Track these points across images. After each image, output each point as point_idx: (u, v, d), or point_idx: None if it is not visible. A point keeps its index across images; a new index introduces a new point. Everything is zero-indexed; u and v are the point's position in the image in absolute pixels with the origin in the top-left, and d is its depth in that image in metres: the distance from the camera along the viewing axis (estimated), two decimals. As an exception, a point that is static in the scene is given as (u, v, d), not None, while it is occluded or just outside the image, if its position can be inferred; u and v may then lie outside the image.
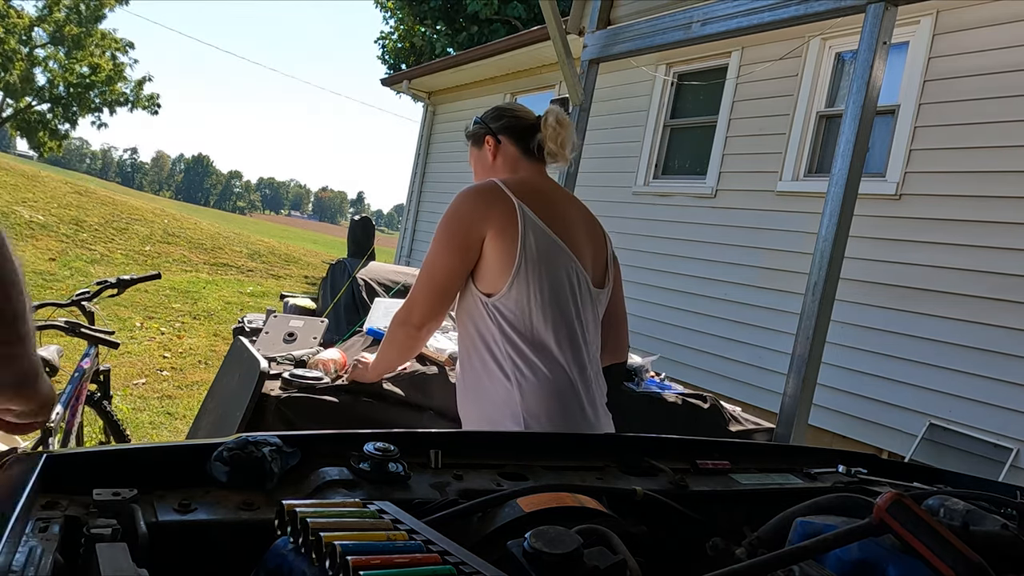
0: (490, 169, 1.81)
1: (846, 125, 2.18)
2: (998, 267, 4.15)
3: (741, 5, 2.67)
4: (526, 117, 1.82)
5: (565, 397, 1.60)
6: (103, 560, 0.52)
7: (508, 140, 1.80)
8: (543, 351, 1.61)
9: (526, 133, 1.79)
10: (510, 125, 1.81)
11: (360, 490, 0.79)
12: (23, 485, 0.63)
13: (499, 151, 1.80)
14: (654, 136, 6.82)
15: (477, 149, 1.85)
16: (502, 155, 1.80)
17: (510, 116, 1.82)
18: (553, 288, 1.63)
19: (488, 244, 1.61)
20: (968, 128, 4.42)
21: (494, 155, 1.81)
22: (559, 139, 1.77)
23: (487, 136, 1.81)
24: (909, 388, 4.50)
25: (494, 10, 16.01)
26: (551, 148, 1.78)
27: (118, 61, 28.87)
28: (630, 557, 0.64)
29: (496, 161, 1.81)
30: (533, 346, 1.60)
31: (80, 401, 2.79)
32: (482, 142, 1.83)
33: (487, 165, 1.82)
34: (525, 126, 1.80)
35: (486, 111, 1.88)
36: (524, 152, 1.79)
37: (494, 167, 1.81)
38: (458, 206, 1.65)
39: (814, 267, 2.26)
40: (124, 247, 11.16)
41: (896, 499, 0.64)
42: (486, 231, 1.61)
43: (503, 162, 1.80)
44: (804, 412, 2.26)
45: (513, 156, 1.80)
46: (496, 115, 1.84)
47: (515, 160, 1.79)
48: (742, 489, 1.04)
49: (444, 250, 1.64)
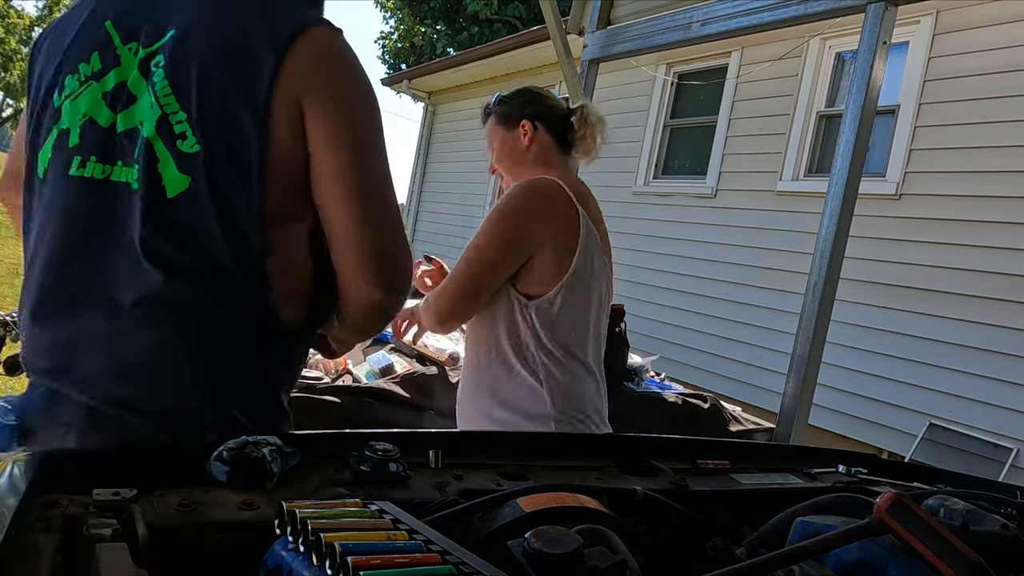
0: (523, 156, 1.69)
1: (846, 125, 2.19)
2: (998, 267, 4.15)
3: (741, 5, 2.67)
4: (559, 106, 1.72)
5: (594, 403, 1.62)
6: (103, 560, 0.52)
7: (544, 128, 1.68)
8: (576, 359, 1.60)
9: (562, 124, 1.70)
10: (546, 113, 1.70)
11: (360, 490, 0.79)
12: (23, 485, 0.63)
13: (535, 138, 1.68)
14: (654, 136, 6.82)
15: (506, 131, 1.70)
16: (537, 143, 1.68)
17: (545, 103, 1.71)
18: (594, 299, 1.62)
19: (543, 247, 1.54)
20: (968, 128, 4.42)
21: (530, 142, 1.68)
22: (597, 136, 1.70)
23: (524, 120, 1.68)
24: (909, 388, 4.50)
25: (494, 10, 16.02)
26: (588, 145, 1.70)
27: (118, 61, 28.88)
28: (630, 557, 0.64)
29: (531, 149, 1.68)
30: (568, 354, 1.58)
31: (80, 401, 2.78)
32: (516, 125, 1.69)
33: (519, 151, 1.69)
34: (560, 115, 1.71)
35: (512, 91, 1.76)
36: (559, 143, 1.70)
37: (527, 154, 1.69)
38: (521, 202, 1.56)
39: (814, 267, 2.26)
40: (124, 247, 11.14)
41: (896, 499, 0.64)
42: (545, 233, 1.54)
43: (538, 151, 1.69)
44: (804, 412, 2.26)
45: (548, 146, 1.69)
46: (530, 99, 1.72)
47: (549, 151, 1.69)
48: (742, 489, 1.04)
49: (494, 245, 1.54)
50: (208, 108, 0.95)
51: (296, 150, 0.98)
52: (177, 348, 0.97)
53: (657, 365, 3.49)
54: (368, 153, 1.01)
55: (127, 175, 0.98)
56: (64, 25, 1.07)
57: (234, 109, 0.95)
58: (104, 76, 1.00)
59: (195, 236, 0.96)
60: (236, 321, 0.99)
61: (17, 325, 2.52)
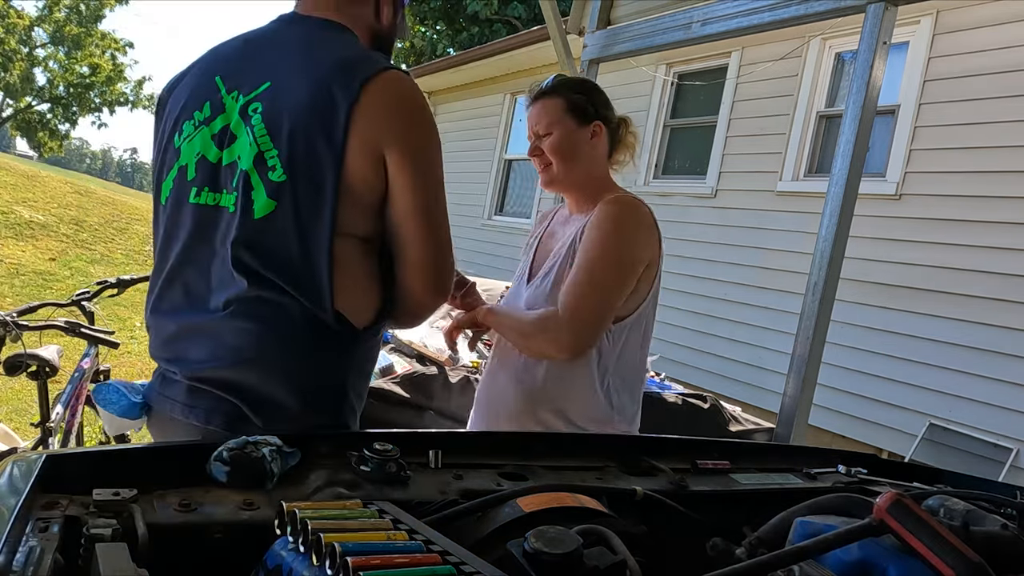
0: (582, 154, 1.62)
1: (846, 125, 2.18)
2: (998, 267, 4.15)
3: (741, 5, 2.67)
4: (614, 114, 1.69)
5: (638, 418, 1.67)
6: (103, 560, 0.52)
7: (605, 133, 1.64)
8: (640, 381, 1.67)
9: (614, 133, 1.68)
10: (610, 118, 1.66)
11: (360, 490, 0.79)
12: (23, 485, 0.63)
13: (600, 141, 1.64)
14: (654, 136, 6.82)
15: (576, 123, 1.61)
16: (600, 146, 1.64)
17: (611, 108, 1.67)
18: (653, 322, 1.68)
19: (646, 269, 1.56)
20: (968, 128, 4.42)
21: (596, 143, 1.63)
22: (633, 152, 1.71)
23: (597, 121, 1.62)
24: (909, 388, 4.50)
25: (494, 10, 16.01)
26: (623, 159, 1.70)
27: (118, 61, 28.90)
28: (630, 557, 0.64)
29: (595, 151, 1.64)
30: (637, 374, 1.65)
31: (80, 401, 2.79)
32: (588, 121, 1.62)
33: (583, 148, 1.62)
34: (616, 125, 1.68)
35: (580, 82, 1.70)
36: (609, 152, 1.68)
37: (589, 155, 1.63)
38: (634, 227, 1.55)
39: (814, 267, 2.26)
40: (124, 247, 11.16)
41: (896, 499, 0.64)
42: (648, 257, 1.56)
43: (599, 153, 1.65)
44: (804, 412, 2.26)
45: (603, 152, 1.66)
46: (604, 100, 1.66)
47: (603, 157, 1.66)
48: (742, 489, 1.04)
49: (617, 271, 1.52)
50: (295, 146, 1.15)
51: (370, 182, 1.18)
52: (257, 342, 1.17)
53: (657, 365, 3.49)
54: (436, 191, 1.24)
55: (227, 201, 1.20)
56: (185, 81, 1.30)
57: (316, 147, 1.14)
58: (212, 121, 1.23)
59: (275, 251, 1.17)
60: (307, 321, 1.17)
61: (18, 325, 2.52)
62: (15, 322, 2.52)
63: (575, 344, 1.50)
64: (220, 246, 1.20)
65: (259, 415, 1.17)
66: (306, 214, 1.16)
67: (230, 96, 1.22)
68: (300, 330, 1.17)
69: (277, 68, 1.21)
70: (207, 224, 1.22)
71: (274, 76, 1.20)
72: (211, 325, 1.20)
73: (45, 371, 2.62)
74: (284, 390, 1.18)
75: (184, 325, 1.23)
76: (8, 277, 8.02)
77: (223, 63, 1.27)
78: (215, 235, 1.21)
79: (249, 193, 1.17)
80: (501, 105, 9.27)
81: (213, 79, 1.25)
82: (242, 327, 1.17)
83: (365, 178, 1.17)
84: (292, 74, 1.19)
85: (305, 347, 1.19)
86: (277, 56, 1.23)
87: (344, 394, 1.25)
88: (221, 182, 1.21)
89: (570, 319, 1.49)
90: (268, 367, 1.18)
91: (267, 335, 1.17)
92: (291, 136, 1.15)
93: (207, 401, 1.19)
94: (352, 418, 1.28)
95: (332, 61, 1.18)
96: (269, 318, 1.17)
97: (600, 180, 1.66)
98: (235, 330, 1.18)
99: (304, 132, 1.15)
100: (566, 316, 1.49)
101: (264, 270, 1.16)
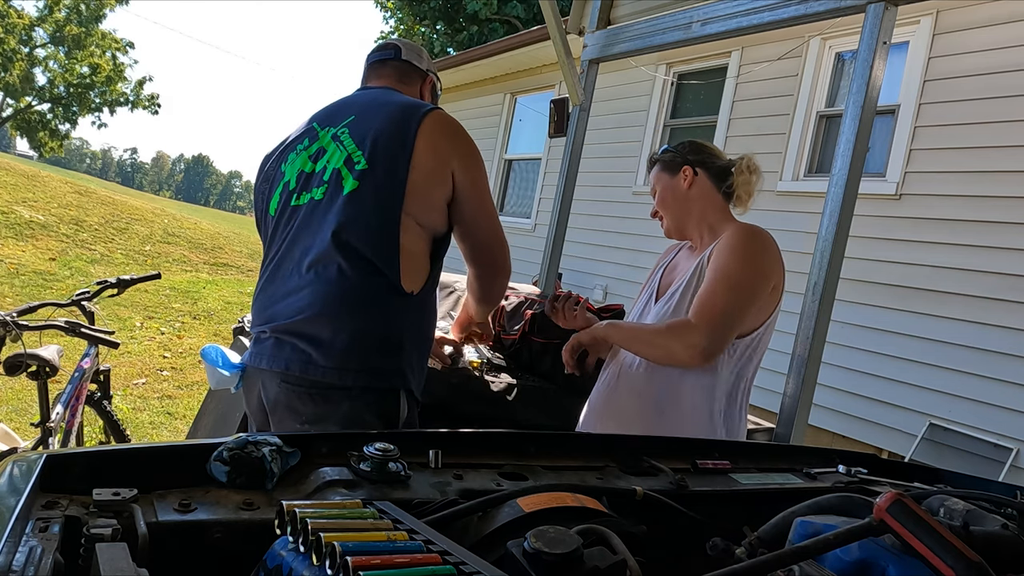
0: (684, 198, 1.83)
1: (846, 125, 2.18)
2: (998, 267, 4.15)
3: (741, 5, 2.67)
4: (721, 157, 1.87)
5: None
6: (103, 560, 0.52)
7: (705, 175, 1.83)
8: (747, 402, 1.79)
9: (722, 174, 1.83)
10: (709, 162, 1.84)
11: (360, 490, 0.79)
12: (23, 485, 0.63)
13: (695, 183, 1.82)
14: (654, 136, 6.81)
15: (669, 176, 1.85)
16: (698, 187, 1.82)
17: (709, 153, 1.86)
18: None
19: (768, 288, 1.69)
20: (968, 128, 4.42)
21: (690, 185, 1.82)
22: (750, 188, 1.84)
23: (685, 166, 1.83)
24: (909, 388, 4.50)
25: (494, 10, 16.02)
26: (741, 196, 1.84)
27: (118, 61, 28.88)
28: (630, 557, 0.64)
29: (691, 191, 1.83)
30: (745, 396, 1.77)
31: (80, 401, 2.79)
32: (677, 170, 1.84)
33: (681, 193, 1.83)
34: (722, 166, 1.84)
35: (680, 142, 1.91)
36: (719, 191, 1.83)
37: (688, 197, 1.83)
38: (762, 248, 1.72)
39: (814, 267, 2.26)
40: (124, 247, 11.16)
41: (896, 499, 0.64)
42: (775, 279, 1.71)
43: (699, 195, 1.82)
44: (804, 412, 2.26)
45: (709, 192, 1.83)
46: (695, 148, 1.87)
47: (711, 196, 1.83)
48: (742, 489, 1.04)
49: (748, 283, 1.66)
50: (376, 147, 1.57)
51: (432, 180, 1.58)
52: (327, 299, 1.52)
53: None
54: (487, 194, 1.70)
55: (317, 193, 1.60)
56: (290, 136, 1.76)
57: (392, 148, 1.57)
58: (310, 147, 1.68)
59: (357, 219, 1.53)
60: (370, 282, 1.53)
61: (18, 325, 2.52)
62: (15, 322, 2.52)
63: (706, 347, 1.59)
64: (315, 224, 1.57)
65: (329, 359, 1.49)
66: (383, 193, 1.54)
67: (323, 130, 1.67)
68: (363, 290, 1.52)
69: (359, 108, 1.67)
70: (302, 216, 1.60)
71: (357, 113, 1.65)
72: (296, 286, 1.56)
73: (45, 371, 2.61)
74: (348, 338, 1.50)
75: (280, 292, 1.59)
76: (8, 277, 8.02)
77: (318, 117, 1.72)
78: (310, 221, 1.58)
79: (340, 181, 1.57)
80: (501, 105, 9.26)
81: (311, 124, 1.71)
82: (317, 288, 1.52)
83: (428, 178, 1.56)
84: (371, 110, 1.64)
85: (366, 303, 1.52)
86: (358, 106, 1.69)
87: (400, 345, 1.56)
88: (313, 183, 1.61)
89: (703, 323, 1.60)
90: (337, 320, 1.51)
91: (336, 294, 1.51)
92: (374, 142, 1.57)
93: (287, 351, 1.54)
94: (411, 370, 1.57)
95: (400, 102, 1.66)
96: (340, 280, 1.51)
97: (716, 218, 1.81)
98: (312, 291, 1.52)
99: (384, 138, 1.57)
100: (699, 320, 1.61)
101: (345, 238, 1.51)
